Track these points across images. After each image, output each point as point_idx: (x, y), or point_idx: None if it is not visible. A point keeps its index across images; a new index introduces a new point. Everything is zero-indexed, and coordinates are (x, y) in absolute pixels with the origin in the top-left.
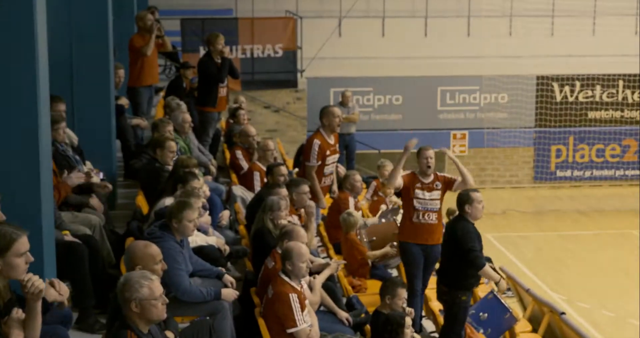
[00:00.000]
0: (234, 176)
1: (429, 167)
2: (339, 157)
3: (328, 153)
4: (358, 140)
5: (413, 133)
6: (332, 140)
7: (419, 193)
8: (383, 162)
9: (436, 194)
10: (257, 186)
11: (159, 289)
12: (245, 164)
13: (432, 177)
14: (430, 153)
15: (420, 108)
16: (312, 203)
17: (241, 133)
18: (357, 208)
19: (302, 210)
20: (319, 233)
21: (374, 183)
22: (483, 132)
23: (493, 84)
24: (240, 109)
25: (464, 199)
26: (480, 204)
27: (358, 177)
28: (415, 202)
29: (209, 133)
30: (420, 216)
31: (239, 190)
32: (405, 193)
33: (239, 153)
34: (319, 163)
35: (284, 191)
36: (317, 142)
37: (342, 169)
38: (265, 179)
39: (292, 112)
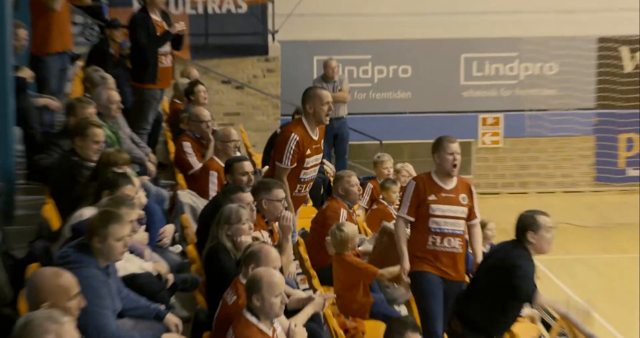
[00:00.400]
0: (180, 177)
1: (455, 166)
2: (327, 150)
3: (309, 152)
4: (352, 127)
5: (426, 117)
6: (316, 135)
7: (435, 208)
8: (381, 157)
9: (461, 211)
10: (213, 190)
11: (72, 336)
12: (196, 161)
13: (454, 182)
14: (456, 146)
15: (436, 83)
16: (288, 214)
17: (191, 118)
18: (350, 218)
19: (276, 224)
20: (298, 256)
21: (370, 186)
22: (523, 115)
23: (537, 49)
24: (199, 85)
25: (527, 223)
26: (549, 233)
27: (354, 179)
28: (430, 222)
29: (147, 118)
30: (439, 242)
31: (187, 196)
32: (415, 207)
33: (188, 146)
34: (294, 165)
35: (248, 196)
36: (294, 137)
37: (331, 169)
38: (224, 181)
39: (261, 89)
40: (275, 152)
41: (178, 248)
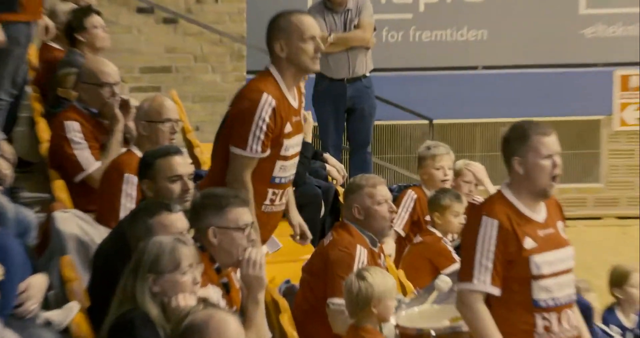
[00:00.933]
0: (59, 186)
1: (555, 179)
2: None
3: (289, 129)
4: (380, 95)
5: (513, 75)
6: (295, 99)
7: (539, 262)
8: (433, 148)
9: (570, 255)
10: (124, 210)
11: None
12: (90, 157)
13: (544, 210)
14: (556, 142)
15: (532, 14)
16: (256, 255)
17: (81, 78)
18: (375, 263)
19: (235, 273)
20: (277, 331)
21: (411, 196)
22: None
23: None
24: (94, 15)
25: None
26: None
27: (381, 191)
28: (535, 290)
29: (8, 75)
30: (555, 326)
31: (72, 222)
32: (502, 268)
33: (75, 129)
34: (267, 152)
35: (178, 221)
36: (267, 100)
37: (339, 171)
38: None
39: (211, 24)
40: (229, 131)
41: (55, 317)
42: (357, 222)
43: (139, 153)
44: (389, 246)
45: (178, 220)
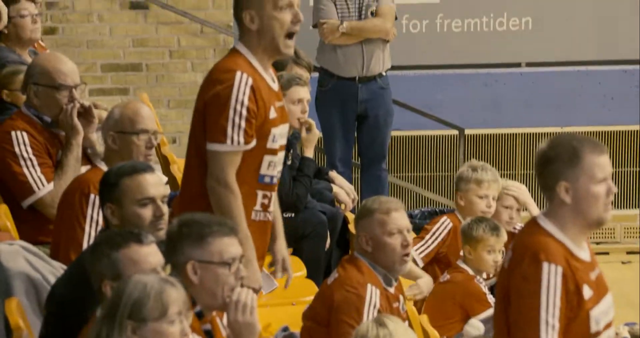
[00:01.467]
0: (1, 211)
1: (608, 208)
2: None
3: (274, 115)
4: (397, 99)
5: (576, 71)
6: (273, 81)
7: (598, 316)
8: (478, 171)
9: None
10: (89, 240)
11: None
12: (40, 177)
13: (586, 246)
14: (608, 162)
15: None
16: (246, 296)
17: (35, 75)
18: (390, 308)
19: (221, 319)
20: None
21: (447, 223)
22: None
23: None
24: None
25: None
26: None
27: (398, 219)
28: (592, 322)
29: None
30: None
31: (18, 256)
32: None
33: (22, 141)
34: (252, 143)
35: (151, 255)
36: (242, 78)
37: (348, 193)
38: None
39: (189, 10)
40: (200, 126)
41: None
42: (367, 255)
43: (100, 168)
44: (424, 284)
45: (150, 253)
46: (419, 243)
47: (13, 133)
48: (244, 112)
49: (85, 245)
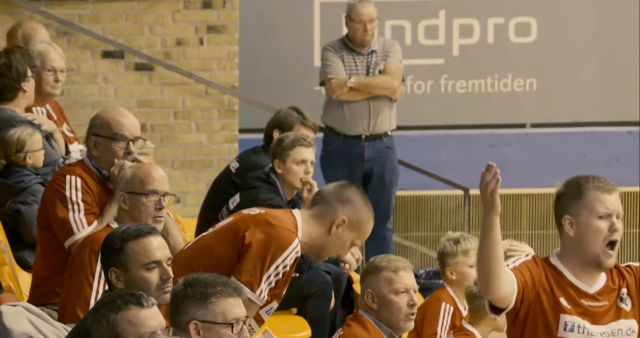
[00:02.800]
0: (5, 272)
1: (613, 246)
2: None
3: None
4: (403, 159)
5: (581, 132)
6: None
7: (566, 321)
8: (459, 242)
9: (627, 324)
10: (94, 298)
11: None
12: (82, 219)
13: (604, 280)
14: (616, 201)
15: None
16: None
17: (97, 126)
18: None
19: None
20: None
21: (448, 309)
22: None
23: None
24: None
25: None
26: None
27: (406, 279)
28: (560, 326)
29: None
30: None
31: (21, 318)
32: (521, 317)
33: (76, 185)
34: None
35: (151, 319)
36: (296, 247)
37: (353, 254)
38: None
39: (194, 71)
40: (235, 256)
41: None
42: (372, 312)
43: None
44: None
45: (150, 317)
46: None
47: (68, 177)
48: (281, 275)
49: (92, 302)
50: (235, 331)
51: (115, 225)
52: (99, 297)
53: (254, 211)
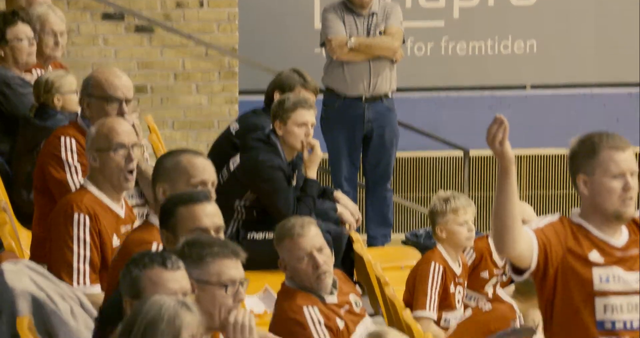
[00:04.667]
0: (6, 231)
1: (629, 201)
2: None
3: None
4: (404, 121)
5: (581, 94)
6: None
7: (600, 274)
8: (450, 200)
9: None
10: (79, 260)
11: None
12: (77, 179)
13: (626, 233)
14: (631, 158)
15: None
16: (244, 316)
17: (89, 86)
18: (341, 317)
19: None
20: None
21: (438, 268)
22: None
23: None
24: (20, 24)
25: None
26: None
27: (304, 243)
28: (597, 301)
29: None
30: None
31: (23, 276)
32: (550, 278)
33: (71, 147)
34: None
35: (174, 281)
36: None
37: (353, 213)
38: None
39: (194, 33)
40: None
41: None
42: (291, 279)
43: (93, 190)
44: None
45: (172, 279)
46: (426, 301)
47: (62, 139)
48: None
49: (75, 265)
50: (230, 293)
51: (90, 186)
52: (81, 258)
53: None
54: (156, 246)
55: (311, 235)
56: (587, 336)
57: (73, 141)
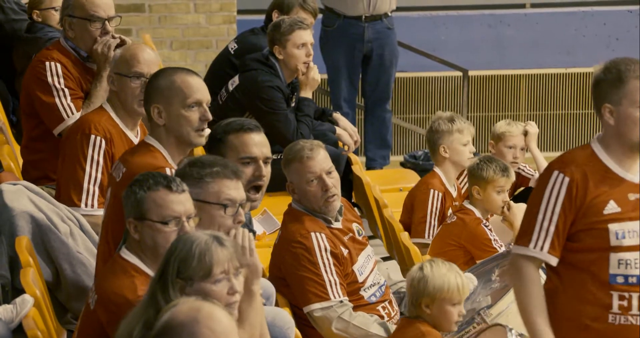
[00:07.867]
0: (4, 151)
1: None
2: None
3: None
4: (403, 41)
5: (583, 12)
6: None
7: (618, 231)
8: (452, 121)
9: None
10: (90, 181)
11: None
12: (70, 105)
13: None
14: None
15: None
16: (243, 233)
17: (70, 6)
18: (345, 245)
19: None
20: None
21: (437, 196)
22: None
23: None
24: None
25: None
26: None
27: (314, 166)
28: (612, 258)
29: None
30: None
31: (22, 196)
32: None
33: (57, 72)
34: None
35: (178, 204)
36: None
37: (351, 134)
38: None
39: None
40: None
41: (4, 313)
42: (299, 203)
43: (111, 112)
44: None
45: (177, 202)
46: (425, 228)
47: (47, 63)
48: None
49: (85, 185)
50: (229, 213)
51: (108, 107)
52: (92, 179)
53: None
54: (169, 172)
55: (320, 158)
56: (599, 291)
57: (58, 65)
